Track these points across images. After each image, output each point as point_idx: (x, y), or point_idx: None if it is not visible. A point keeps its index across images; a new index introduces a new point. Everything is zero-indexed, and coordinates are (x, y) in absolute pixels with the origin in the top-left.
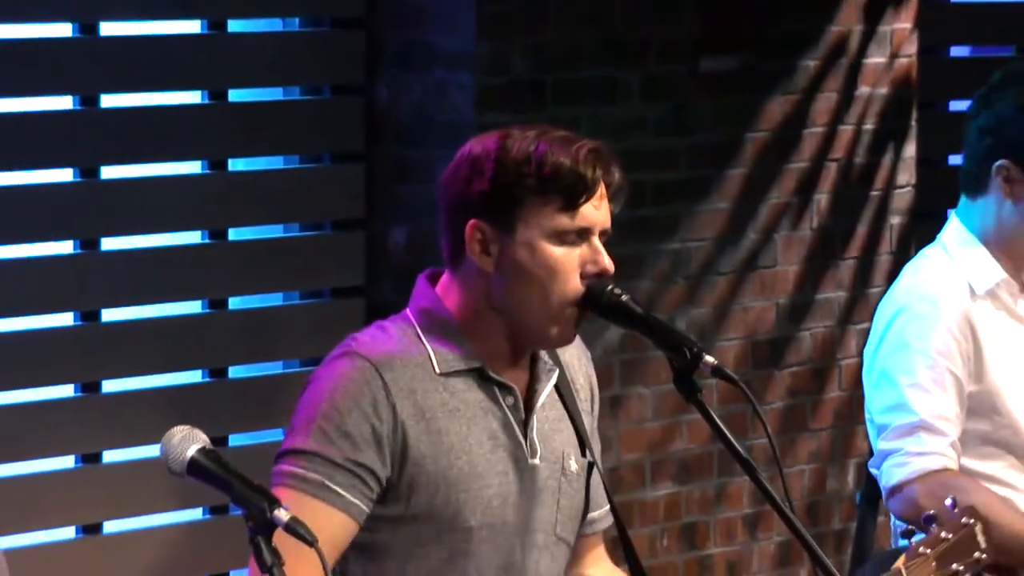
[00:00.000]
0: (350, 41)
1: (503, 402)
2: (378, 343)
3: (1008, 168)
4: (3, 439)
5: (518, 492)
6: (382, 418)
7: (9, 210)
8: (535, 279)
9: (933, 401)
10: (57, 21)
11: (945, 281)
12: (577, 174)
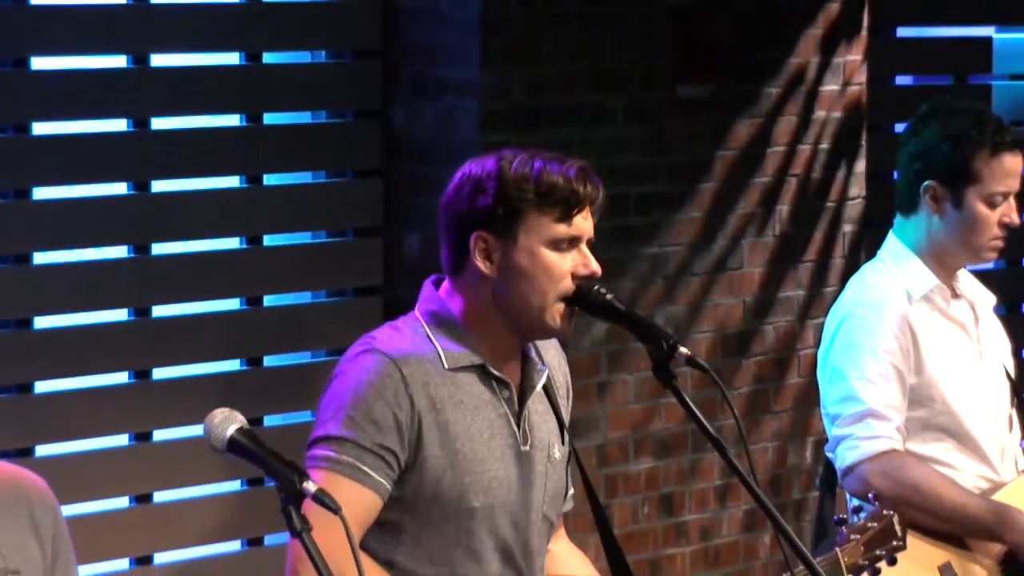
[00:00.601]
0: (370, 72)
1: (500, 395)
2: (395, 341)
3: (935, 188)
4: (66, 420)
5: (514, 476)
6: (402, 407)
7: (72, 219)
8: (534, 280)
9: (879, 392)
10: (114, 53)
11: (885, 290)
12: (571, 190)
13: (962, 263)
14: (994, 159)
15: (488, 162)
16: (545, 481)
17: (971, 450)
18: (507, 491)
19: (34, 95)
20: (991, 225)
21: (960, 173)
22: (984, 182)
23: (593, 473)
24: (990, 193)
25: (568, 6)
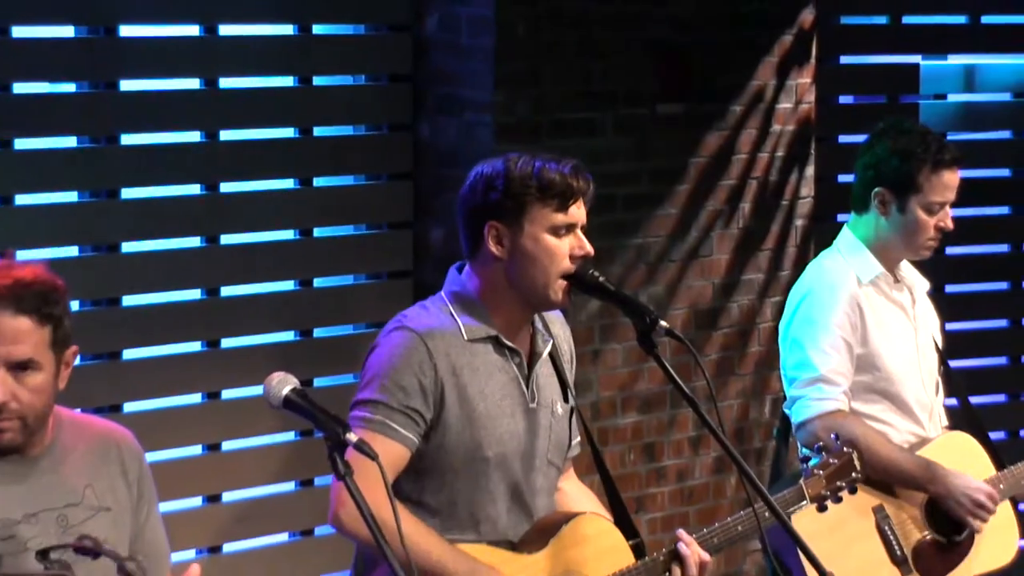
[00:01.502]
0: (401, 92)
1: (512, 361)
2: (422, 319)
3: (883, 194)
4: (148, 381)
5: (522, 429)
6: (427, 375)
7: (154, 215)
8: (539, 261)
9: (830, 361)
10: (189, 76)
11: (838, 275)
12: (566, 184)
13: (903, 257)
14: (934, 174)
15: (497, 163)
16: (549, 433)
17: (904, 411)
18: (517, 442)
19: (122, 111)
20: (929, 228)
21: (905, 184)
22: (925, 193)
23: (588, 426)
24: (929, 202)
25: (566, 38)
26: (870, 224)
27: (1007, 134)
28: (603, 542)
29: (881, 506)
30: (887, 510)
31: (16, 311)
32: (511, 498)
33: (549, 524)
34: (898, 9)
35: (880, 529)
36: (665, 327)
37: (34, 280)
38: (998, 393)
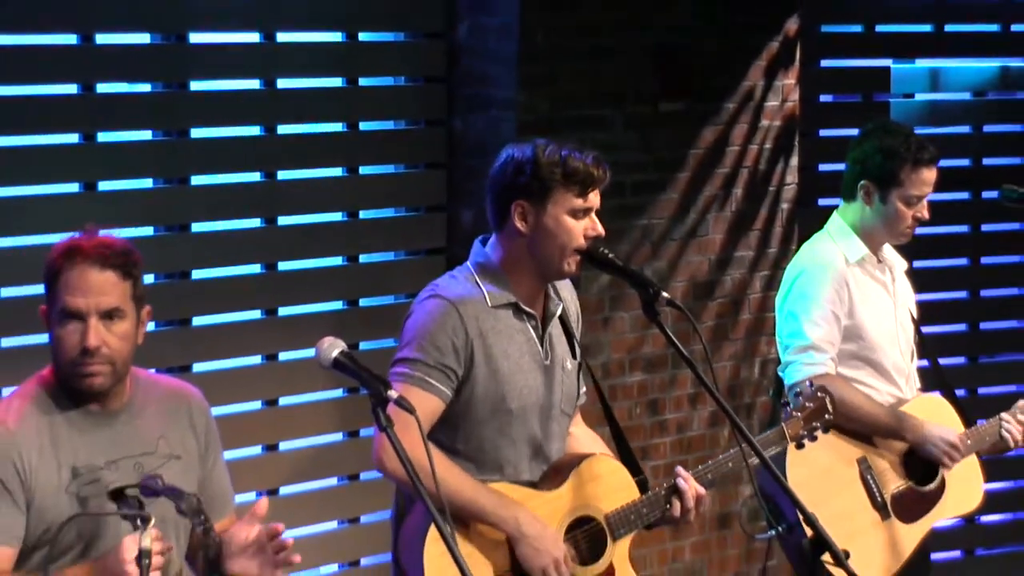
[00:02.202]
0: (437, 92)
1: (528, 324)
2: (453, 288)
3: (868, 186)
4: (214, 345)
5: (540, 383)
6: (459, 336)
7: (221, 199)
8: (558, 238)
9: (820, 331)
10: (251, 78)
11: (829, 255)
12: (588, 173)
13: (885, 241)
14: (914, 171)
15: (527, 149)
16: (562, 386)
17: (884, 376)
18: (535, 396)
19: (191, 108)
20: (907, 218)
21: (888, 179)
22: (905, 187)
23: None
24: (909, 195)
25: (580, 45)
26: (856, 212)
27: (967, 128)
28: (612, 480)
29: (864, 458)
30: (869, 461)
31: (103, 266)
32: (530, 445)
33: (564, 465)
34: (871, 19)
35: (863, 478)
36: (667, 298)
37: (115, 241)
38: (959, 356)
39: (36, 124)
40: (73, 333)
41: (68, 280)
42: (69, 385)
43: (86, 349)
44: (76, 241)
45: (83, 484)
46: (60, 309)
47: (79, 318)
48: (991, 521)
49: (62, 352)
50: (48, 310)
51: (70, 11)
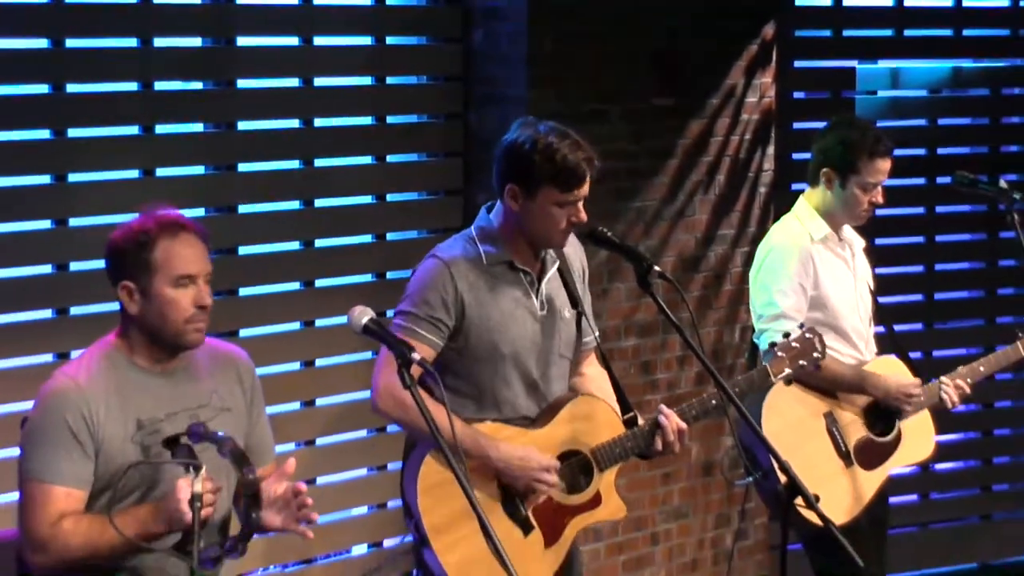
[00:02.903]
0: (456, 90)
1: (524, 280)
2: (450, 250)
3: (829, 173)
4: (259, 312)
5: (533, 332)
6: (448, 291)
7: (264, 184)
8: (542, 223)
9: (789, 301)
10: (289, 76)
11: (796, 234)
12: (576, 173)
13: (844, 222)
14: (871, 162)
15: (529, 138)
16: (559, 333)
17: (846, 340)
18: (529, 342)
19: (238, 104)
20: (863, 202)
21: (847, 167)
22: (862, 175)
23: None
24: (865, 182)
25: (582, 49)
26: (819, 196)
27: (923, 122)
28: (600, 417)
29: (830, 412)
30: (834, 415)
31: (202, 239)
32: (526, 385)
33: (557, 404)
34: (839, 24)
35: (829, 430)
36: (658, 271)
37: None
38: (917, 323)
39: (102, 118)
40: (187, 295)
41: (176, 251)
42: (165, 344)
43: (203, 307)
44: (165, 218)
45: (146, 434)
46: (175, 277)
47: (192, 282)
48: (944, 469)
49: (176, 312)
50: (141, 282)
51: (132, 18)
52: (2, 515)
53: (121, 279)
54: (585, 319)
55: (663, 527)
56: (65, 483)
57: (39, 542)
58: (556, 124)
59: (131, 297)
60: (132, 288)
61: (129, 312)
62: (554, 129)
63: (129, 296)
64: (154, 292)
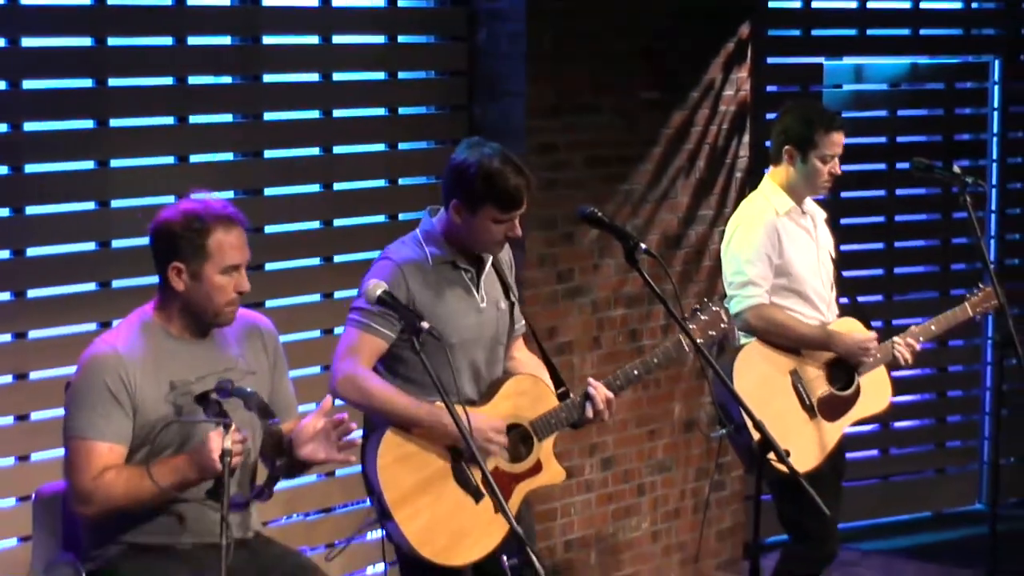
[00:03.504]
0: (461, 84)
1: (465, 276)
2: (400, 252)
3: (791, 150)
4: (283, 286)
5: (476, 323)
6: (400, 290)
7: (288, 169)
8: (481, 236)
9: (756, 269)
10: (310, 71)
11: (763, 209)
12: (513, 199)
13: (806, 195)
14: (827, 135)
15: (474, 163)
16: (496, 322)
17: (809, 303)
18: (472, 332)
19: (265, 96)
20: (823, 174)
21: (806, 143)
22: (820, 148)
23: (589, 317)
24: (823, 155)
25: (578, 47)
26: (782, 173)
27: (884, 113)
28: (535, 392)
29: (795, 369)
30: (799, 372)
31: (245, 231)
32: (471, 370)
33: (496, 384)
34: (808, 25)
35: (794, 386)
36: (644, 248)
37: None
38: (878, 295)
39: (140, 109)
40: (231, 282)
41: (228, 241)
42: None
43: (241, 292)
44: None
45: (178, 395)
46: (224, 266)
47: (236, 271)
48: (902, 427)
49: (221, 296)
50: (192, 265)
51: (168, 18)
52: (51, 469)
53: (172, 260)
54: (516, 308)
55: (648, 479)
56: (106, 439)
57: (85, 494)
58: (501, 147)
59: (179, 276)
60: (182, 269)
61: (175, 289)
62: (498, 153)
63: (178, 275)
64: (204, 276)
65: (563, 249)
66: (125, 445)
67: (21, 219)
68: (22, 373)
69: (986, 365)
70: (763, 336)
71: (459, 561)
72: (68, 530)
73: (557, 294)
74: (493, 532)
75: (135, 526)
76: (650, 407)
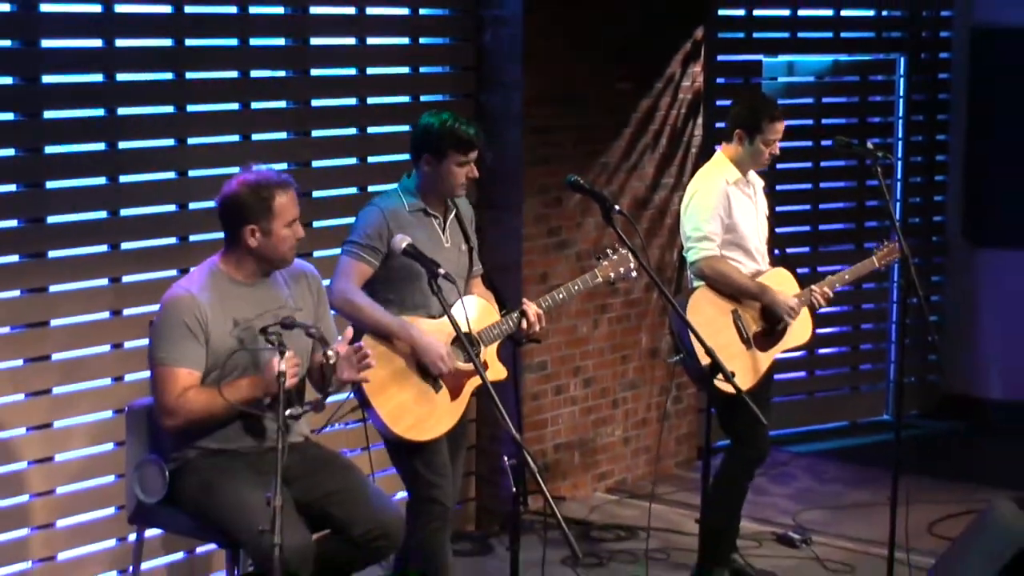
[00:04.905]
0: (470, 77)
1: (434, 222)
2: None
3: (740, 133)
4: (325, 240)
5: (442, 258)
6: (383, 228)
7: (332, 146)
8: (448, 180)
9: (710, 226)
10: (347, 67)
11: (715, 177)
12: (470, 142)
13: (750, 168)
14: (771, 123)
15: (434, 122)
16: (456, 260)
17: (749, 256)
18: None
19: (313, 87)
20: (765, 154)
21: (754, 128)
22: (764, 133)
23: (573, 265)
24: (767, 139)
25: (564, 47)
26: (732, 150)
27: (811, 100)
28: (482, 312)
29: (735, 310)
30: (739, 312)
31: (297, 192)
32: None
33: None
34: (750, 29)
35: (735, 323)
36: (618, 209)
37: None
38: (805, 247)
39: (211, 98)
40: (292, 232)
41: (288, 202)
42: (270, 264)
43: (299, 239)
44: (276, 178)
45: (241, 329)
46: (288, 220)
47: (295, 223)
48: (824, 353)
49: (287, 244)
50: (263, 224)
51: (234, 24)
52: (140, 388)
53: (246, 223)
54: (474, 253)
55: (621, 395)
56: (185, 366)
57: (169, 410)
58: (452, 111)
59: (253, 235)
60: (255, 229)
61: (248, 245)
62: (452, 115)
63: (252, 235)
64: (273, 231)
65: (553, 210)
66: (200, 370)
67: (116, 186)
68: (117, 310)
69: (892, 304)
70: (711, 284)
71: (424, 437)
72: (153, 436)
73: (549, 246)
74: (450, 414)
75: (207, 434)
76: (622, 337)
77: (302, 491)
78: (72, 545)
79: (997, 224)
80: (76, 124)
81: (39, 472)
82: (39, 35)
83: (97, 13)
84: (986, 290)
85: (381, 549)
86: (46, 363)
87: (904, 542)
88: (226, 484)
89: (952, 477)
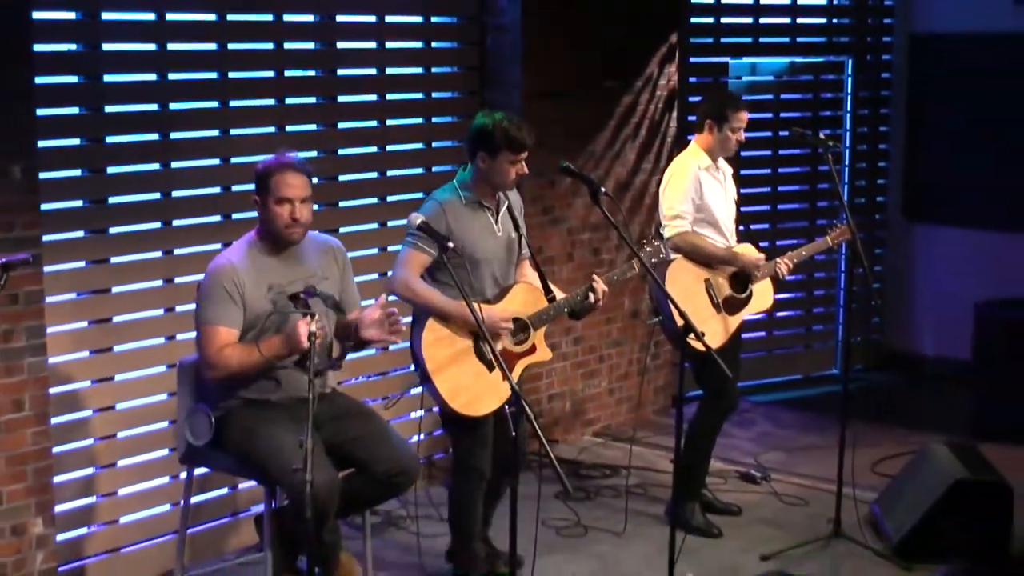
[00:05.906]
0: (474, 76)
1: (487, 212)
2: (442, 195)
3: (710, 123)
4: (351, 218)
5: (495, 245)
6: (440, 222)
7: (356, 136)
8: (501, 176)
9: (684, 206)
10: (368, 67)
11: (689, 164)
12: (523, 143)
13: (720, 155)
14: (736, 112)
15: (488, 122)
16: (507, 247)
17: (719, 231)
18: (492, 251)
19: (340, 85)
20: (732, 141)
21: (721, 117)
22: (731, 122)
23: (565, 239)
24: (734, 127)
25: (559, 49)
26: (704, 139)
27: (771, 96)
28: (532, 296)
29: (707, 279)
30: (710, 280)
31: (302, 173)
32: (492, 279)
33: (506, 289)
34: (718, 34)
35: (707, 290)
36: (604, 191)
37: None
38: (764, 224)
39: (251, 94)
40: (285, 211)
41: (283, 180)
42: (277, 239)
43: (295, 219)
44: (282, 158)
45: (275, 294)
46: (277, 197)
47: (289, 203)
48: (782, 315)
49: (279, 221)
50: (264, 198)
51: (270, 30)
52: (189, 346)
53: (255, 196)
54: (523, 239)
55: (606, 351)
56: (225, 325)
57: (211, 363)
58: (506, 112)
59: (256, 206)
60: (257, 200)
61: (261, 219)
62: (505, 115)
63: (255, 205)
64: (268, 206)
65: (548, 191)
66: (238, 329)
67: (167, 172)
68: (169, 279)
69: (840, 273)
70: (686, 255)
71: (478, 412)
72: (201, 388)
73: (544, 223)
74: (501, 392)
75: (246, 386)
76: (608, 300)
77: (330, 435)
78: (131, 482)
79: (931, 203)
80: (133, 117)
81: (102, 419)
82: (100, 39)
83: (151, 20)
84: (921, 260)
85: (400, 484)
86: (108, 325)
87: (851, 479)
88: (264, 429)
89: (892, 423)
